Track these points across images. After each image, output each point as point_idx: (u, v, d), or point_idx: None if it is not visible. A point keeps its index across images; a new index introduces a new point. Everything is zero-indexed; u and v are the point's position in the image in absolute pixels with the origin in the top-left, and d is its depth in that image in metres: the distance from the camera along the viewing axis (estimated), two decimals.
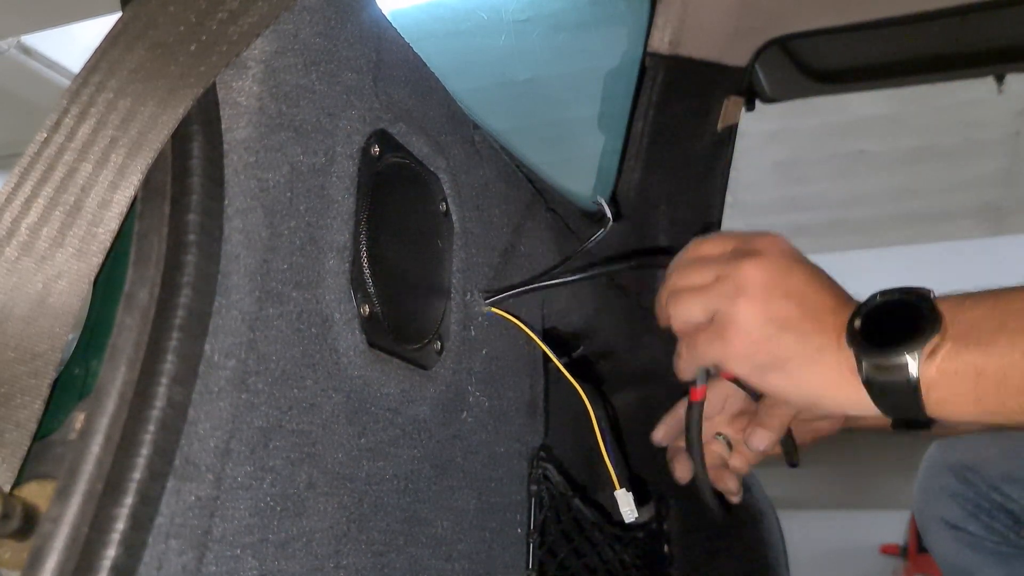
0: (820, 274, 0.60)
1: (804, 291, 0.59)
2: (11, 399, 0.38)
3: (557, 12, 1.16)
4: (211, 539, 0.41)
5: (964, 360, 0.52)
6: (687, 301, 0.63)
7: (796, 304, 0.58)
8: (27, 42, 2.81)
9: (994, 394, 0.51)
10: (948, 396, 0.53)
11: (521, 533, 0.72)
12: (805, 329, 0.57)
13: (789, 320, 0.58)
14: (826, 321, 0.57)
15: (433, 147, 0.63)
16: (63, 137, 0.42)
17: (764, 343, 0.58)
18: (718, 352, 0.60)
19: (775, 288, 0.59)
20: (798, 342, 0.57)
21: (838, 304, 0.58)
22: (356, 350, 0.52)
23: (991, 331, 0.51)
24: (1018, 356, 0.50)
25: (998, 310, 0.52)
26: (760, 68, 1.29)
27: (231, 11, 0.45)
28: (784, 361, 0.58)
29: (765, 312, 0.58)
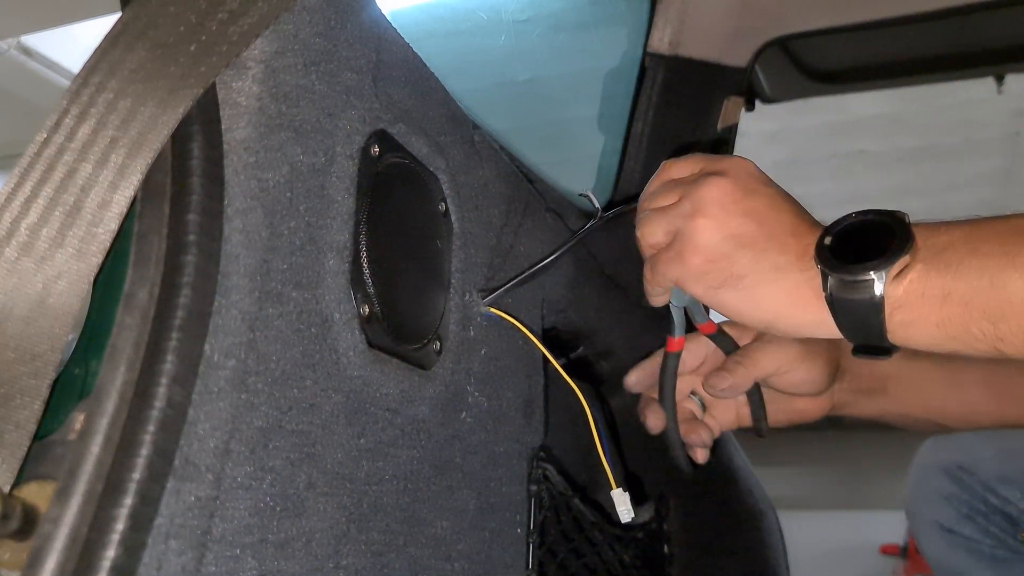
0: (786, 198, 0.60)
1: (765, 211, 0.59)
2: (11, 399, 0.38)
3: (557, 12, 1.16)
4: (211, 539, 0.41)
5: (932, 282, 0.51)
6: (651, 222, 0.63)
7: (755, 223, 0.58)
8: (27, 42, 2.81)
9: (958, 319, 0.51)
10: (912, 318, 0.52)
11: (521, 533, 0.72)
12: (763, 247, 0.57)
13: (746, 237, 0.58)
14: (786, 242, 0.57)
15: (433, 147, 0.63)
16: (63, 137, 0.42)
17: (720, 260, 0.58)
18: (676, 271, 0.61)
19: (734, 206, 0.59)
20: (755, 260, 0.57)
21: (800, 227, 0.58)
22: (356, 350, 0.52)
23: (962, 255, 0.51)
24: (986, 282, 0.49)
25: (972, 236, 0.51)
26: (760, 68, 1.29)
27: (231, 11, 0.45)
28: (739, 279, 0.58)
29: (722, 230, 0.59)
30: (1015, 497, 0.83)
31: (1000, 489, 0.83)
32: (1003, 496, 0.83)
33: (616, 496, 0.69)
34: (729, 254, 0.58)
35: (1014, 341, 0.50)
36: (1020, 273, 0.48)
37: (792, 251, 0.57)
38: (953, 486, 0.85)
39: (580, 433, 0.87)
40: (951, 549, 0.87)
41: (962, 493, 0.85)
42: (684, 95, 1.12)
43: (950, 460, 0.86)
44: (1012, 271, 0.49)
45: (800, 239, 0.57)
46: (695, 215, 0.60)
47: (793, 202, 0.61)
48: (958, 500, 0.86)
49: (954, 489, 0.85)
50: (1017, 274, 0.48)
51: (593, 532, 0.84)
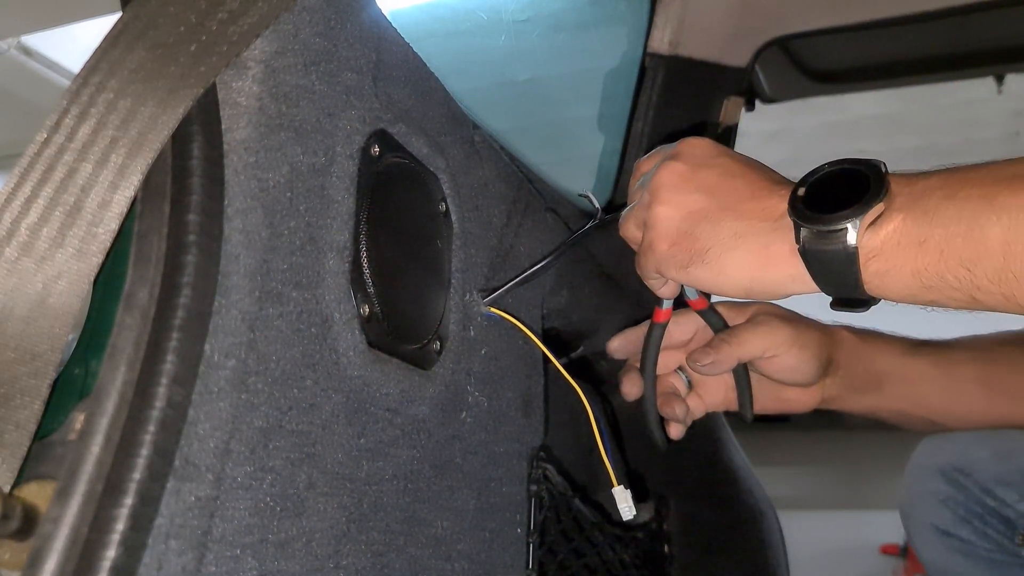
0: (743, 165, 0.61)
1: (717, 182, 0.59)
2: (11, 399, 0.38)
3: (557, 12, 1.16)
4: (211, 539, 0.41)
5: (908, 230, 0.50)
6: (625, 220, 0.66)
7: (707, 195, 0.59)
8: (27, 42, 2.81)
9: (934, 267, 0.50)
10: (887, 267, 0.51)
11: (521, 533, 0.72)
12: (717, 217, 0.58)
13: (700, 212, 0.59)
14: (742, 208, 0.57)
15: (433, 147, 0.63)
16: (63, 137, 0.42)
17: (683, 240, 0.59)
18: (652, 260, 0.62)
19: (685, 185, 0.60)
20: (713, 231, 0.58)
21: (759, 190, 0.58)
22: (356, 350, 0.52)
23: (939, 200, 0.50)
24: (963, 226, 0.48)
25: (949, 181, 0.50)
26: (760, 68, 1.29)
27: (231, 11, 0.45)
28: (703, 253, 0.58)
29: (678, 210, 0.60)
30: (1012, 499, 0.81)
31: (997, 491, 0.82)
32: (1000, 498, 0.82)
33: (617, 493, 0.69)
34: (689, 231, 0.59)
35: (990, 288, 0.48)
36: (998, 216, 0.47)
37: (750, 215, 0.57)
38: (950, 488, 0.84)
39: (580, 433, 0.87)
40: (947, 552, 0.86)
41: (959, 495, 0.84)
42: (684, 95, 1.12)
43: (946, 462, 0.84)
44: (990, 214, 0.47)
45: (759, 201, 0.57)
46: (652, 203, 0.61)
47: (751, 167, 0.60)
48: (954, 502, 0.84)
49: (951, 491, 0.84)
50: (995, 217, 0.47)
51: (593, 532, 0.84)
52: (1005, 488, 0.81)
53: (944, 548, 0.86)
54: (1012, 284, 0.48)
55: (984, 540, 0.84)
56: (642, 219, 0.63)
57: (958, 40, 1.30)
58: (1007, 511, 0.82)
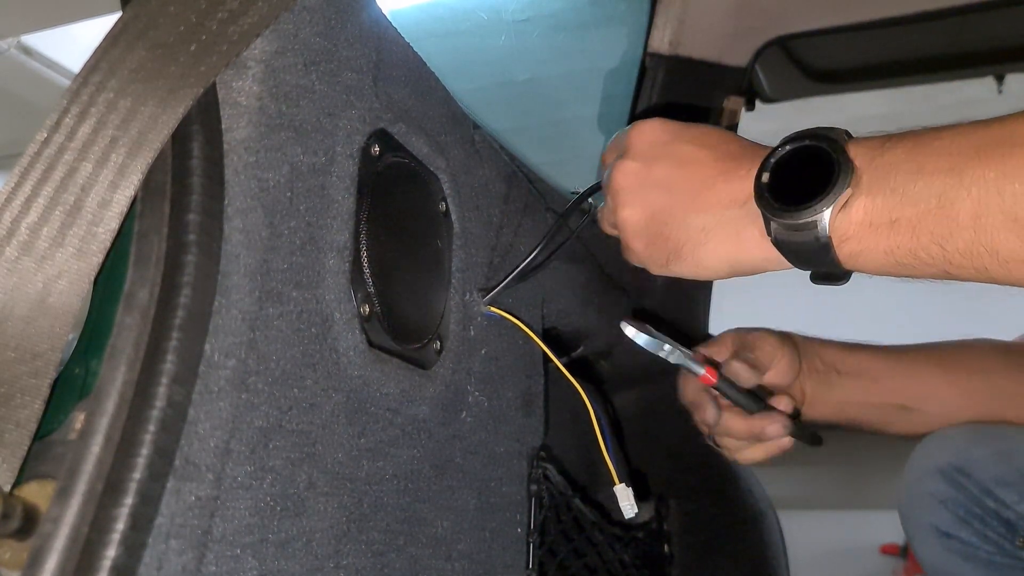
0: (692, 149, 0.60)
1: (671, 176, 0.59)
2: (11, 399, 0.38)
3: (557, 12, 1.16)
4: (211, 539, 0.41)
5: (878, 210, 0.50)
6: (602, 221, 0.68)
7: (666, 192, 0.59)
8: (27, 42, 2.80)
9: (907, 245, 0.49)
10: (860, 248, 0.51)
11: (521, 533, 0.72)
12: (682, 215, 0.58)
13: (664, 211, 0.59)
14: (703, 199, 0.57)
15: (433, 147, 0.63)
16: (63, 137, 0.42)
17: (655, 240, 0.60)
18: (633, 259, 0.63)
19: (642, 185, 0.60)
20: (681, 228, 0.58)
21: (717, 174, 0.57)
22: (356, 350, 0.52)
23: (907, 175, 0.49)
24: (934, 203, 0.48)
25: (916, 152, 0.49)
26: (760, 68, 1.29)
27: (231, 11, 0.45)
28: (678, 250, 0.59)
29: (642, 212, 0.60)
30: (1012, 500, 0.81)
31: (998, 492, 0.81)
32: (1000, 499, 0.81)
33: (619, 491, 0.69)
34: (658, 231, 0.59)
35: (963, 263, 0.48)
36: (967, 190, 0.47)
37: (715, 205, 0.57)
38: (949, 489, 0.84)
39: (581, 432, 0.87)
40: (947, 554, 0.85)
41: (958, 496, 0.83)
42: (684, 95, 1.12)
43: (946, 462, 0.84)
44: (959, 189, 0.47)
45: (721, 188, 0.57)
46: (616, 209, 0.62)
47: (704, 147, 0.59)
48: (954, 503, 0.84)
49: (950, 492, 0.84)
50: (964, 191, 0.47)
51: (593, 532, 0.84)
52: (1005, 489, 0.81)
53: (943, 549, 0.85)
54: (984, 257, 0.47)
55: (984, 542, 0.83)
56: (612, 222, 0.64)
57: (958, 40, 1.30)
58: (1007, 513, 0.81)
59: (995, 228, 0.46)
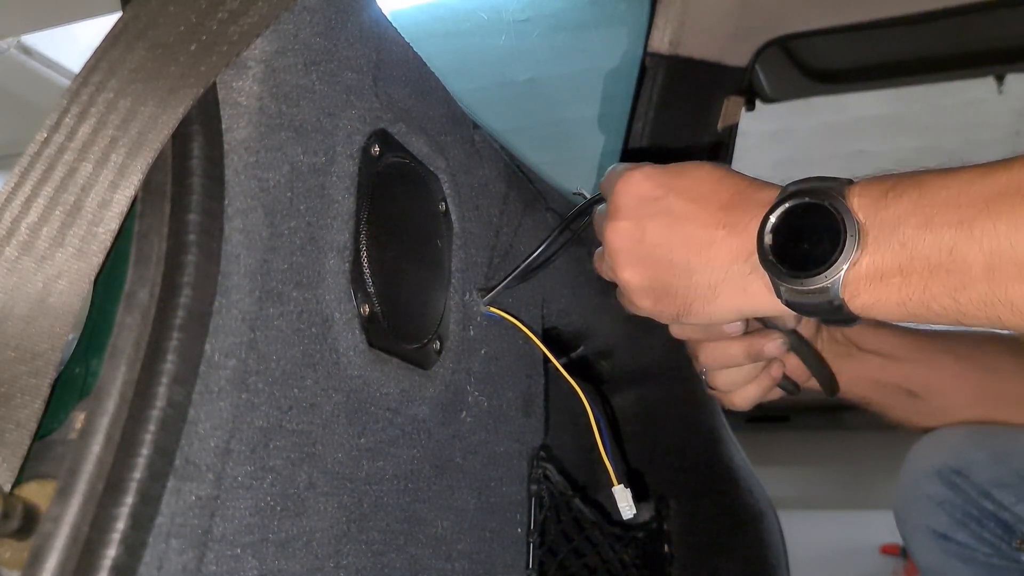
0: (684, 203, 0.58)
1: (667, 236, 0.58)
2: (11, 399, 0.38)
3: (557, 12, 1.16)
4: (211, 539, 0.41)
5: (888, 265, 0.50)
6: (598, 267, 0.68)
7: (665, 252, 0.58)
8: (27, 42, 2.80)
9: (918, 297, 0.49)
10: (872, 301, 0.51)
11: (521, 533, 0.72)
12: (686, 276, 0.58)
13: (667, 273, 0.59)
14: (707, 257, 0.57)
15: (433, 147, 0.63)
16: (63, 137, 0.42)
17: (661, 299, 0.60)
18: (639, 312, 0.64)
19: (638, 248, 0.59)
20: (688, 288, 0.58)
21: (713, 229, 0.56)
22: (356, 350, 0.52)
23: (915, 229, 0.49)
24: (944, 257, 0.48)
25: (923, 204, 0.49)
26: (760, 68, 1.29)
27: (231, 11, 0.45)
28: (688, 307, 0.59)
29: (644, 274, 0.60)
30: (1010, 502, 0.80)
31: (995, 493, 0.81)
32: (998, 501, 0.81)
33: (617, 492, 0.69)
34: (665, 290, 0.59)
35: (975, 313, 0.48)
36: (979, 244, 0.47)
37: (717, 262, 0.56)
38: (946, 491, 0.83)
39: (581, 432, 0.87)
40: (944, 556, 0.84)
41: (955, 498, 0.83)
42: (684, 95, 1.12)
43: (943, 464, 0.83)
44: (970, 242, 0.47)
45: (720, 247, 0.56)
46: (616, 270, 0.62)
47: (697, 199, 0.58)
48: (951, 505, 0.83)
49: (947, 494, 0.83)
50: (976, 245, 0.47)
51: (593, 532, 0.84)
52: (1002, 490, 0.80)
53: (941, 552, 0.85)
54: (999, 308, 0.47)
55: (981, 544, 0.82)
56: (613, 279, 0.64)
57: (958, 40, 1.30)
58: (1004, 515, 0.80)
59: (1009, 279, 0.46)
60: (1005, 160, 0.48)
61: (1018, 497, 0.80)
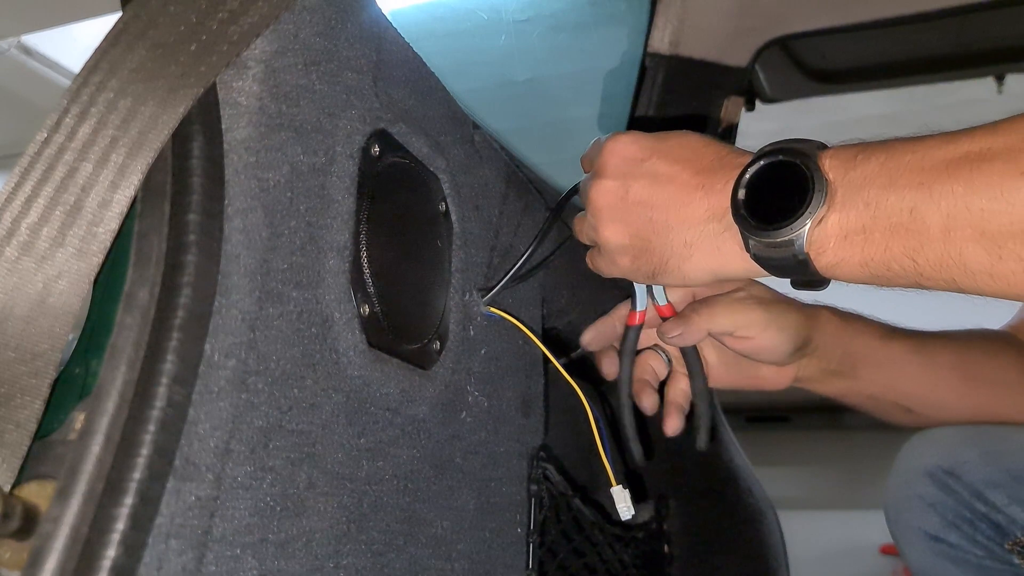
0: (667, 164, 0.60)
1: (650, 194, 0.60)
2: (11, 399, 0.38)
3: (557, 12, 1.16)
4: (211, 539, 0.41)
5: (852, 224, 0.51)
6: (578, 229, 0.69)
7: (646, 209, 0.60)
8: (27, 42, 2.80)
9: (880, 257, 0.51)
10: (836, 260, 0.52)
11: (521, 533, 0.72)
12: (664, 231, 0.60)
13: (646, 228, 0.60)
14: (684, 215, 0.58)
15: (433, 147, 0.63)
16: (63, 137, 0.42)
17: (639, 255, 0.62)
18: (616, 271, 0.65)
19: (622, 204, 0.61)
20: (665, 244, 0.60)
21: (694, 189, 0.58)
22: (356, 350, 0.52)
23: (879, 189, 0.50)
24: (905, 217, 0.49)
25: (888, 166, 0.50)
26: (760, 68, 1.30)
27: (231, 11, 0.45)
28: (664, 263, 0.60)
29: (625, 230, 0.62)
30: (1002, 503, 0.79)
31: (987, 494, 0.80)
32: (990, 502, 0.80)
33: (616, 493, 0.69)
34: (644, 247, 0.61)
35: (933, 275, 0.50)
36: (936, 204, 0.48)
37: (694, 220, 0.58)
38: (938, 492, 0.82)
39: (580, 433, 0.87)
40: (935, 558, 0.84)
41: (947, 499, 0.82)
42: (684, 95, 1.12)
43: (934, 464, 0.82)
44: (929, 203, 0.48)
45: (698, 204, 0.58)
46: (597, 227, 0.63)
47: (680, 160, 0.60)
48: (943, 506, 0.82)
49: (939, 495, 0.82)
50: (934, 206, 0.48)
51: (593, 532, 0.84)
52: (994, 491, 0.80)
53: (932, 553, 0.84)
54: (954, 270, 0.49)
55: (973, 545, 0.82)
56: (592, 238, 0.65)
57: (958, 40, 1.30)
58: (996, 516, 0.80)
59: (964, 241, 0.47)
60: (969, 128, 0.50)
61: (1010, 498, 0.79)
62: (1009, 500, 0.79)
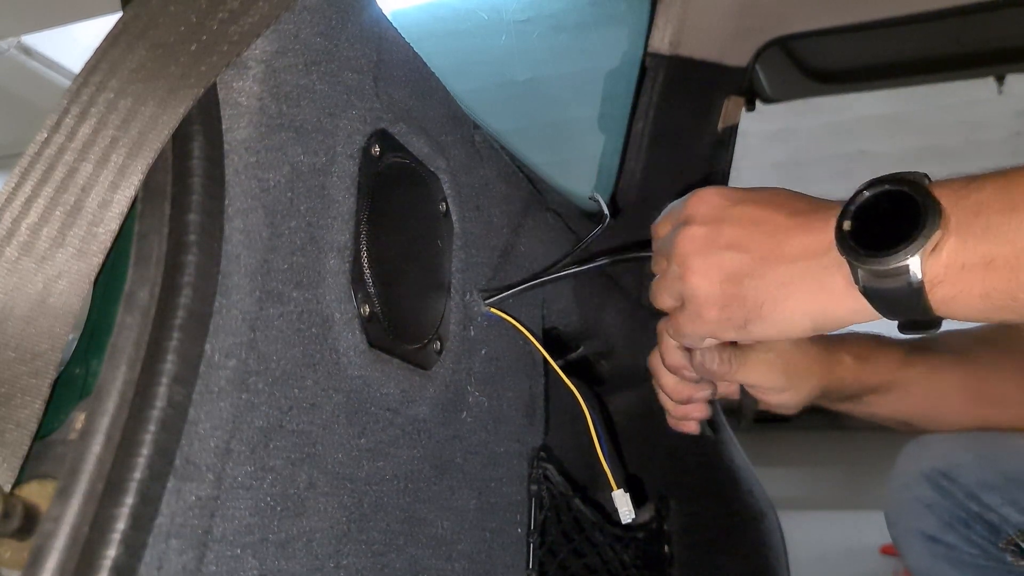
0: (759, 208, 0.57)
1: (743, 236, 0.57)
2: (11, 399, 0.38)
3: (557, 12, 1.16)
4: (211, 539, 0.41)
5: (971, 251, 0.47)
6: (656, 292, 0.64)
7: (738, 252, 0.57)
8: (27, 42, 2.80)
9: (1004, 287, 0.47)
10: (954, 292, 0.49)
11: (521, 533, 0.72)
12: (760, 272, 0.56)
13: (740, 271, 0.56)
14: (782, 253, 0.55)
15: (433, 147, 0.63)
16: (63, 137, 0.42)
17: (731, 303, 0.57)
18: (701, 328, 0.60)
19: (712, 248, 0.58)
20: (760, 287, 0.56)
21: (791, 228, 0.55)
22: (356, 350, 0.52)
23: (1000, 213, 0.47)
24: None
25: (1007, 190, 0.47)
26: (760, 68, 1.30)
27: (232, 11, 0.45)
28: (758, 309, 0.56)
29: (716, 275, 0.57)
30: (996, 503, 0.80)
31: (982, 495, 0.81)
32: (985, 503, 0.81)
33: (617, 497, 0.69)
34: (736, 293, 0.57)
35: None
36: None
37: (793, 257, 0.54)
38: (935, 494, 0.83)
39: (581, 433, 0.87)
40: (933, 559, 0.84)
41: (944, 500, 0.83)
42: (684, 95, 1.12)
43: (931, 467, 0.83)
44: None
45: (797, 240, 0.55)
46: (684, 276, 0.59)
47: (773, 204, 0.58)
48: (940, 508, 0.83)
49: (936, 497, 0.83)
50: None
51: (594, 532, 0.84)
52: (989, 492, 0.81)
53: (930, 554, 0.85)
54: None
55: (969, 545, 0.83)
56: (677, 291, 0.60)
57: (958, 40, 1.30)
58: (991, 516, 0.81)
59: None
60: None
61: (1004, 499, 0.80)
62: (1003, 501, 0.80)
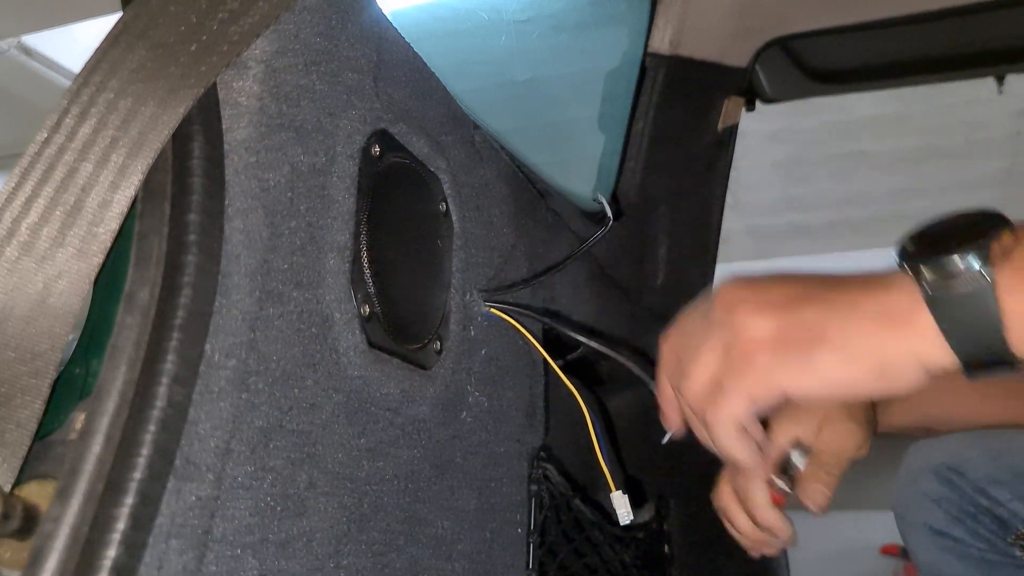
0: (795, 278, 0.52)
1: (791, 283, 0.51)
2: (11, 399, 0.38)
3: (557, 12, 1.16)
4: (211, 539, 0.41)
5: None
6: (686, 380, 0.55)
7: (793, 285, 0.51)
8: (27, 42, 2.80)
9: None
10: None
11: (521, 533, 0.72)
12: (823, 295, 0.49)
13: (798, 296, 0.50)
14: (842, 285, 0.49)
15: (433, 147, 0.63)
16: (63, 137, 0.42)
17: (790, 330, 0.49)
18: (751, 385, 0.50)
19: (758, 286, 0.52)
20: (825, 307, 0.49)
21: (843, 279, 0.50)
22: (356, 350, 0.52)
23: None
24: None
25: None
26: (760, 68, 1.29)
27: (232, 11, 0.45)
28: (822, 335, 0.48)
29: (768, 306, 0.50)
30: (1005, 498, 0.81)
31: (991, 490, 0.82)
32: (993, 497, 0.82)
33: (615, 499, 0.69)
34: (794, 320, 0.49)
35: None
36: None
37: (854, 285, 0.49)
38: (943, 488, 0.84)
39: (580, 433, 0.87)
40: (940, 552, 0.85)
41: (952, 495, 0.84)
42: (684, 95, 1.12)
43: (940, 462, 0.84)
44: None
45: (851, 281, 0.49)
46: (730, 321, 0.51)
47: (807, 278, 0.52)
48: (948, 502, 0.84)
49: (944, 491, 0.84)
50: None
51: (593, 532, 0.84)
52: (998, 487, 0.81)
53: (937, 548, 0.86)
54: None
55: (977, 540, 0.84)
56: (715, 350, 0.52)
57: (958, 40, 1.30)
58: (1000, 510, 0.82)
59: None
60: None
61: (1013, 494, 0.81)
62: (1012, 496, 0.81)
